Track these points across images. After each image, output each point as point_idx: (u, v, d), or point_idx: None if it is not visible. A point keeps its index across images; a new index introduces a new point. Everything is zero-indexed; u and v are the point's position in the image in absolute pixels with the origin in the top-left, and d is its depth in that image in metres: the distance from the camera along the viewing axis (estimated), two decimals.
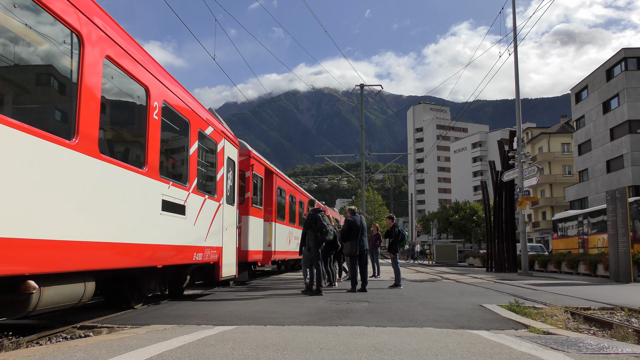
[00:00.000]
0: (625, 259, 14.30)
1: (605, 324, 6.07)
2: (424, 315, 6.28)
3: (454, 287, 11.90)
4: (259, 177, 12.54)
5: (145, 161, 6.02)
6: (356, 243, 10.17)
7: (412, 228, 75.40)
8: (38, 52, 4.34)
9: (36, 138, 3.94)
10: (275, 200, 14.31)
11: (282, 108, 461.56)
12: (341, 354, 3.70)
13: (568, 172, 56.22)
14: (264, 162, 13.44)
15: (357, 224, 10.19)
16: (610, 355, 3.81)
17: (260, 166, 12.92)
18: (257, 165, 12.48)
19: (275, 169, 14.85)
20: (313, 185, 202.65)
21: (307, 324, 5.46)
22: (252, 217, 11.62)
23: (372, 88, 32.74)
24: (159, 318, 5.99)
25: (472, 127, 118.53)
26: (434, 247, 38.55)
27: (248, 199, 11.48)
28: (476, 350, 3.88)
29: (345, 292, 9.93)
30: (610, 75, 41.86)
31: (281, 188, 15.50)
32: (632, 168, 38.05)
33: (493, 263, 22.84)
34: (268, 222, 13.43)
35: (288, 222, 16.52)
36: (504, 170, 21.94)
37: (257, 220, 12.29)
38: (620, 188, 15.74)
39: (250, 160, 11.81)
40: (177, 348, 3.86)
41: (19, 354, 3.66)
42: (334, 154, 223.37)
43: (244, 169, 11.47)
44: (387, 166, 72.56)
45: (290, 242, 16.75)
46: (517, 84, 20.66)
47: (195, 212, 7.64)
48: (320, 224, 9.28)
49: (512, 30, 20.70)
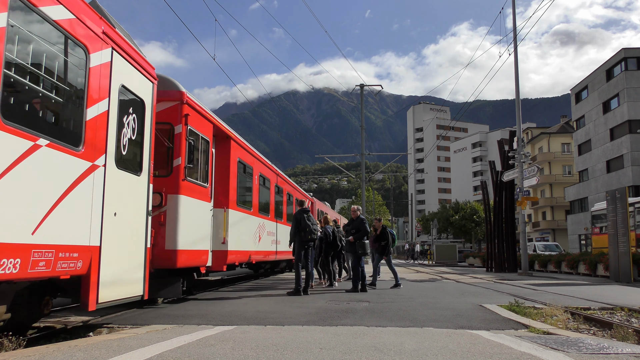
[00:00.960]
0: (625, 259, 14.30)
1: (605, 324, 6.07)
2: (424, 315, 6.28)
3: (454, 287, 11.90)
4: (201, 138, 8.36)
5: None
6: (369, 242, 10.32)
7: (412, 228, 75.42)
8: None
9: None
10: (234, 179, 10.06)
11: (282, 108, 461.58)
12: (341, 354, 3.70)
13: (568, 172, 56.21)
14: (213, 119, 9.02)
15: None
16: (610, 355, 3.81)
17: (204, 122, 8.53)
18: (197, 120, 8.17)
19: (236, 135, 10.48)
20: (313, 185, 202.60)
21: (307, 324, 5.46)
22: (185, 197, 7.50)
23: (372, 88, 32.74)
24: (159, 318, 5.99)
25: (472, 127, 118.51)
26: (434, 247, 38.56)
27: (179, 168, 7.38)
28: (476, 350, 3.88)
29: (344, 292, 9.94)
30: (610, 75, 41.86)
31: (245, 163, 11.18)
32: (632, 168, 38.05)
33: (493, 263, 22.84)
34: (221, 208, 9.41)
35: (257, 212, 12.24)
36: (504, 170, 21.94)
37: (197, 203, 8.13)
38: (620, 188, 15.74)
39: (184, 109, 7.59)
40: (177, 348, 3.86)
41: (19, 354, 3.66)
42: (334, 154, 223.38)
43: (172, 121, 7.48)
44: (387, 166, 72.57)
45: (262, 238, 12.72)
46: (517, 84, 20.66)
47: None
48: (304, 223, 9.28)
49: (512, 30, 20.70)
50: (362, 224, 10.22)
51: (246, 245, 11.13)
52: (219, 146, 9.81)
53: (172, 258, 7.14)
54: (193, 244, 7.92)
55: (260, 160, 12.87)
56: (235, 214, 10.16)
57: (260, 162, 12.92)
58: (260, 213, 12.64)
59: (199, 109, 8.31)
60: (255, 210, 12.13)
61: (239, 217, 10.48)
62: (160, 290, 7.43)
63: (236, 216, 10.19)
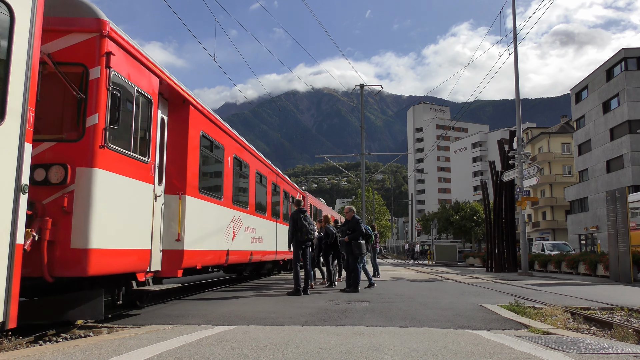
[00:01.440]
0: (625, 259, 14.30)
1: (605, 324, 6.07)
2: (424, 315, 6.28)
3: (454, 287, 11.90)
4: (137, 92, 6.00)
5: None
6: (366, 243, 10.31)
7: (412, 228, 75.43)
8: None
9: None
10: (194, 157, 7.77)
11: (282, 108, 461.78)
12: (341, 354, 3.70)
13: (568, 172, 56.23)
14: (160, 71, 6.67)
15: None
16: (610, 355, 3.81)
17: (143, 72, 6.20)
18: (130, 65, 5.89)
19: (198, 101, 8.07)
20: (313, 185, 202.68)
21: (307, 324, 5.46)
22: (106, 172, 5.29)
23: (372, 88, 32.76)
24: (159, 318, 6.00)
25: (472, 127, 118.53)
26: (434, 247, 38.59)
27: (94, 130, 5.18)
28: (476, 350, 3.88)
29: (339, 291, 9.95)
30: (610, 75, 41.88)
31: (214, 140, 8.90)
32: (632, 168, 38.06)
33: (493, 263, 22.84)
34: (175, 194, 7.23)
35: (231, 202, 9.97)
36: (504, 170, 21.94)
37: (128, 183, 5.80)
38: (620, 188, 15.74)
39: (104, 45, 5.33)
40: (177, 348, 3.86)
41: (19, 354, 3.66)
42: (334, 154, 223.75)
43: (85, 62, 5.26)
44: (387, 166, 72.57)
45: (238, 235, 10.37)
46: (517, 84, 20.67)
47: None
48: (300, 223, 9.30)
49: (512, 30, 20.71)
50: (357, 224, 10.24)
51: (213, 243, 8.81)
52: (174, 113, 7.52)
53: (81, 262, 4.92)
54: (121, 241, 5.55)
55: (235, 139, 10.48)
56: (197, 203, 7.86)
57: (236, 142, 10.58)
58: (236, 204, 10.29)
59: (133, 50, 5.87)
60: (228, 200, 9.73)
61: (203, 207, 8.21)
62: (69, 310, 5.23)
63: (198, 206, 7.92)
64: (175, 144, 7.48)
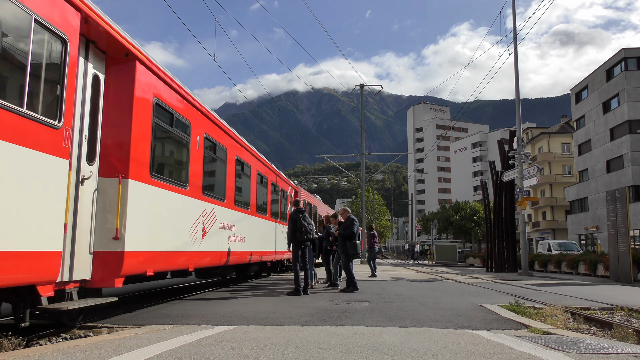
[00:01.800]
0: (625, 259, 14.30)
1: (605, 324, 6.07)
2: (424, 315, 6.28)
3: (454, 287, 11.90)
4: (35, 21, 4.24)
5: None
6: (360, 243, 10.31)
7: (412, 228, 75.45)
8: None
9: None
10: (142, 129, 6.14)
11: (282, 108, 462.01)
12: (341, 354, 3.70)
13: (568, 172, 56.24)
14: (83, 4, 4.94)
15: None
16: (610, 355, 3.81)
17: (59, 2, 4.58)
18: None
19: (149, 56, 6.42)
20: (313, 185, 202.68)
21: (307, 324, 5.46)
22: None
23: (372, 88, 32.77)
24: (159, 318, 5.99)
25: (472, 127, 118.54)
26: (434, 247, 38.59)
27: None
28: (476, 350, 3.88)
29: (338, 291, 9.96)
30: (610, 75, 41.88)
31: (174, 112, 7.17)
32: (632, 168, 38.06)
33: (493, 263, 22.84)
34: (113, 177, 5.69)
35: (200, 192, 8.18)
36: (504, 170, 21.94)
37: (20, 153, 4.04)
38: (620, 188, 15.74)
39: None
40: (177, 348, 3.86)
41: (19, 354, 3.66)
42: (334, 154, 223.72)
43: None
44: (387, 166, 72.63)
45: (209, 233, 8.63)
46: (517, 84, 20.66)
47: None
48: (300, 223, 9.30)
49: (512, 30, 20.71)
50: (350, 224, 10.27)
51: (173, 242, 7.09)
52: (114, 70, 5.84)
53: None
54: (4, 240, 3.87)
55: (207, 115, 8.61)
56: (146, 191, 6.20)
57: (208, 119, 8.62)
58: (208, 195, 8.53)
59: None
60: (196, 190, 7.90)
61: (157, 196, 6.54)
62: None
63: (149, 194, 6.27)
64: (115, 112, 5.74)
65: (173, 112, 7.15)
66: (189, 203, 7.67)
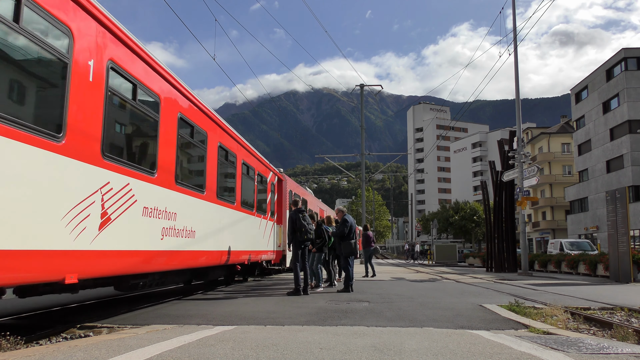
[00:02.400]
0: (625, 259, 14.30)
1: (605, 324, 6.07)
2: (424, 315, 6.28)
3: (454, 287, 11.90)
4: None
5: None
6: (355, 242, 10.30)
7: (412, 228, 75.45)
8: None
9: None
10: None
11: (281, 108, 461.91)
12: (341, 354, 3.70)
13: (568, 172, 56.25)
14: None
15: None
16: (610, 355, 3.81)
17: None
18: None
19: None
20: (313, 185, 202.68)
21: (307, 324, 5.46)
22: None
23: (372, 88, 32.78)
24: (159, 318, 5.99)
25: (472, 127, 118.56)
26: (434, 247, 38.58)
27: None
28: (476, 350, 3.88)
29: (336, 291, 9.95)
30: (610, 75, 41.89)
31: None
32: (632, 168, 38.07)
33: (493, 263, 22.84)
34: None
35: (99, 157, 5.08)
36: (504, 170, 21.94)
37: None
38: (620, 188, 15.74)
39: None
40: (177, 348, 3.86)
41: (18, 354, 3.66)
42: (334, 154, 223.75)
43: None
44: (387, 166, 72.64)
45: (119, 221, 5.51)
46: (517, 84, 20.66)
47: None
48: (299, 223, 9.31)
49: (512, 30, 20.70)
50: (342, 225, 10.28)
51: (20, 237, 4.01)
52: None
53: None
54: None
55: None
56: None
57: (117, 38, 5.54)
58: (117, 162, 5.52)
59: None
60: (88, 150, 4.95)
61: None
62: None
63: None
64: None
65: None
66: (65, 171, 4.61)
